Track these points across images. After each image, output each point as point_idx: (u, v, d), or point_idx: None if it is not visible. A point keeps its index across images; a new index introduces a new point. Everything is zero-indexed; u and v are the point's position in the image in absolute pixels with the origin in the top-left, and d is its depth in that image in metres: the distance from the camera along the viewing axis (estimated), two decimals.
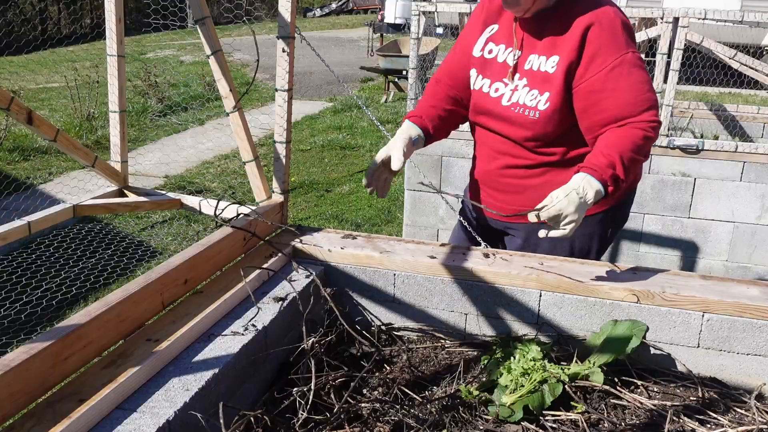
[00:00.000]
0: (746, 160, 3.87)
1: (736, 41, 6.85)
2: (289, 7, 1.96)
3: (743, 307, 1.68)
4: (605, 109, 1.79)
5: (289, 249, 1.99)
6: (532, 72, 1.87)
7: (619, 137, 1.77)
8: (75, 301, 3.61)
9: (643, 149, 1.78)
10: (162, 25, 3.95)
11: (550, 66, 1.83)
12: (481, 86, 1.97)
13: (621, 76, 1.77)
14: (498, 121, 1.95)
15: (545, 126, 1.87)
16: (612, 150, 1.74)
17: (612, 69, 1.76)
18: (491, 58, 1.95)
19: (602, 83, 1.77)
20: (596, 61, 1.77)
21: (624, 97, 1.77)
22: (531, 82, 1.87)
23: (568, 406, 1.59)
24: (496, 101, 1.93)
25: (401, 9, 14.98)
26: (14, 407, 1.19)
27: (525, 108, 1.88)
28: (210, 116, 9.01)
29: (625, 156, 1.74)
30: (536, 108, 1.86)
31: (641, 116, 1.77)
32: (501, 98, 1.92)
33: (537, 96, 1.86)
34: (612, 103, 1.78)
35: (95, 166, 2.24)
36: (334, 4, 28.86)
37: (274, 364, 1.68)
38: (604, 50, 1.77)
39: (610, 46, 1.77)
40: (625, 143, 1.75)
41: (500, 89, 1.93)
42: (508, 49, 1.92)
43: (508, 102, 1.91)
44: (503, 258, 1.92)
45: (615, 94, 1.77)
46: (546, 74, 1.84)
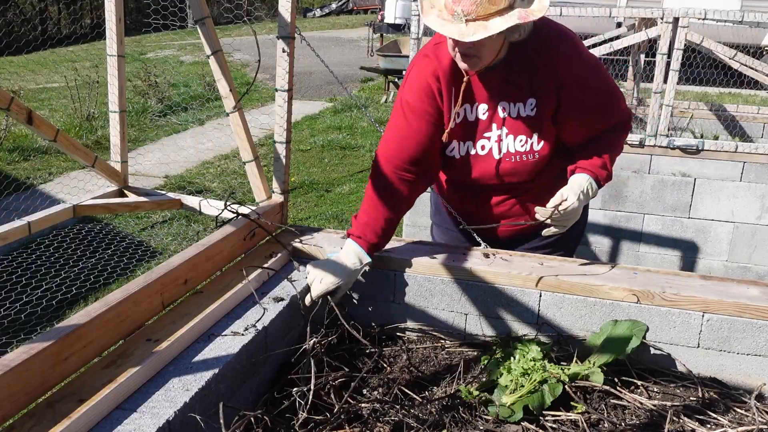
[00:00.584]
0: (746, 160, 3.87)
1: (736, 41, 6.84)
2: (289, 7, 1.96)
3: (743, 307, 1.68)
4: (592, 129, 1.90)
5: (289, 249, 1.99)
6: (511, 120, 1.87)
7: (610, 139, 1.92)
8: (75, 301, 3.61)
9: (623, 144, 2.00)
10: (162, 25, 3.95)
11: (530, 109, 1.86)
12: (467, 150, 1.93)
13: (594, 96, 1.86)
14: (495, 177, 1.95)
15: (543, 160, 1.93)
16: (604, 152, 1.90)
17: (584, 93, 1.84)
18: (460, 121, 1.90)
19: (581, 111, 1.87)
20: (567, 91, 1.82)
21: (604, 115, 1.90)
22: (513, 129, 1.88)
23: (568, 406, 1.59)
24: (488, 157, 1.92)
25: (401, 9, 14.97)
26: (14, 407, 1.19)
27: (519, 155, 1.91)
28: (210, 116, 9.01)
29: (613, 155, 1.92)
30: (532, 151, 1.90)
31: (624, 114, 1.94)
32: (491, 152, 1.92)
33: (527, 140, 1.89)
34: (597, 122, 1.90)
35: (95, 166, 2.24)
36: (334, 5, 28.86)
37: (274, 364, 1.68)
38: (572, 80, 1.82)
39: (576, 74, 1.82)
40: (614, 144, 1.93)
41: (486, 145, 1.92)
42: (474, 105, 1.88)
43: (500, 154, 1.91)
44: (503, 258, 1.92)
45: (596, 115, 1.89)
46: (529, 118, 1.87)
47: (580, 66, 1.84)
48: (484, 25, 1.61)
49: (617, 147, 1.95)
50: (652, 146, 3.95)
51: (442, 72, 1.85)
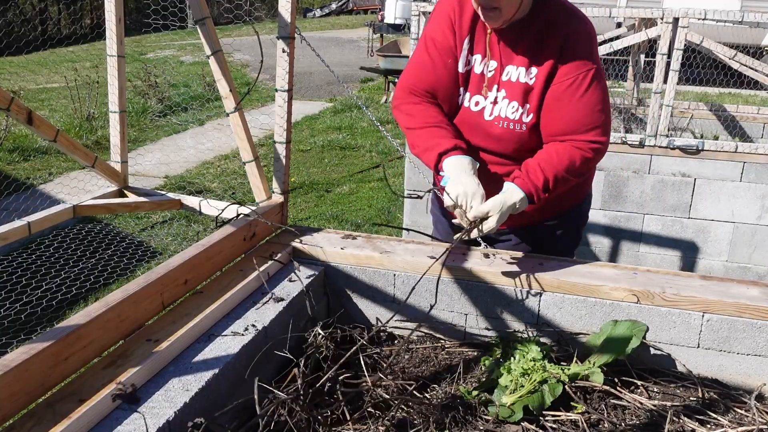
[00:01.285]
0: (746, 160, 3.87)
1: (736, 41, 6.84)
2: (289, 7, 1.96)
3: (743, 308, 1.68)
4: (556, 120, 1.81)
5: (289, 249, 1.99)
6: (511, 83, 1.84)
7: (558, 155, 1.79)
8: (75, 301, 3.61)
9: (578, 170, 1.81)
10: (162, 25, 3.95)
11: (530, 78, 1.82)
12: (462, 100, 1.91)
13: (578, 90, 1.78)
14: (483, 138, 1.91)
15: (531, 137, 1.87)
16: (548, 167, 1.78)
17: (572, 82, 1.78)
18: (469, 69, 1.89)
19: (560, 93, 1.79)
20: (562, 71, 1.79)
21: (574, 114, 1.79)
22: (510, 93, 1.85)
23: (568, 406, 1.59)
24: (479, 115, 1.89)
25: (401, 9, 14.97)
26: (14, 407, 1.19)
27: (509, 122, 1.86)
28: (210, 116, 9.01)
29: (558, 175, 1.78)
30: (521, 121, 1.85)
31: (585, 135, 1.79)
32: (483, 112, 1.89)
33: (518, 108, 1.84)
34: (563, 115, 1.80)
35: (95, 167, 2.24)
36: (334, 5, 28.86)
37: (274, 364, 1.68)
38: (573, 62, 1.78)
39: (578, 60, 1.78)
40: (562, 162, 1.79)
41: (480, 102, 1.89)
42: (485, 60, 1.87)
43: (491, 116, 1.88)
44: (503, 258, 1.92)
45: (568, 107, 1.79)
46: (526, 85, 1.83)
47: (586, 57, 1.79)
48: None
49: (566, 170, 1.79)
50: (652, 146, 3.96)
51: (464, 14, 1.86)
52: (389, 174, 6.69)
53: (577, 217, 2.18)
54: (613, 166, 4.01)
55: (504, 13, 1.74)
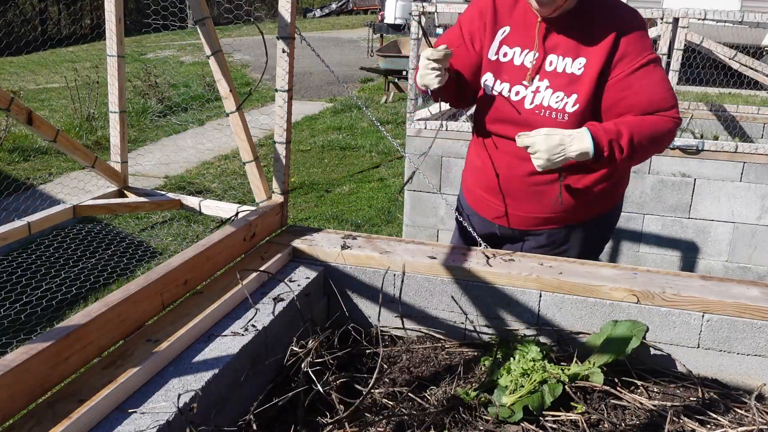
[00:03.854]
0: (746, 160, 3.87)
1: (736, 41, 6.84)
2: (289, 7, 1.96)
3: (743, 308, 1.68)
4: (634, 105, 1.81)
5: (289, 249, 1.99)
6: (556, 74, 1.85)
7: (645, 119, 1.80)
8: (75, 301, 3.61)
9: (661, 140, 1.82)
10: (162, 25, 3.95)
11: (577, 68, 1.83)
12: (501, 90, 1.93)
13: (648, 74, 1.80)
14: (520, 126, 1.89)
15: (573, 128, 1.82)
16: (629, 125, 1.77)
17: (640, 67, 1.80)
18: (507, 61, 1.92)
19: (631, 81, 1.80)
20: (624, 60, 1.80)
21: (652, 94, 1.81)
22: (555, 84, 1.85)
23: (568, 406, 1.59)
24: (519, 104, 1.90)
25: (401, 9, 14.97)
26: (14, 407, 1.19)
27: (551, 110, 1.85)
28: (210, 117, 9.01)
29: (638, 135, 1.76)
30: (564, 110, 1.84)
31: (669, 111, 1.82)
32: (523, 101, 1.89)
33: (564, 98, 1.84)
34: (641, 99, 1.81)
35: (95, 167, 2.24)
36: (334, 5, 28.86)
37: (273, 365, 1.68)
38: (631, 51, 1.80)
39: (636, 47, 1.81)
40: (646, 125, 1.79)
41: (521, 92, 1.90)
42: (525, 51, 1.89)
43: (531, 105, 1.88)
44: (503, 258, 1.92)
45: (643, 90, 1.81)
46: (572, 76, 1.83)
47: (646, 45, 1.82)
48: None
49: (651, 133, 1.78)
50: None
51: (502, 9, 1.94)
52: (389, 174, 6.68)
53: (603, 227, 2.13)
54: None
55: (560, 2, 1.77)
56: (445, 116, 4.45)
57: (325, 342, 1.75)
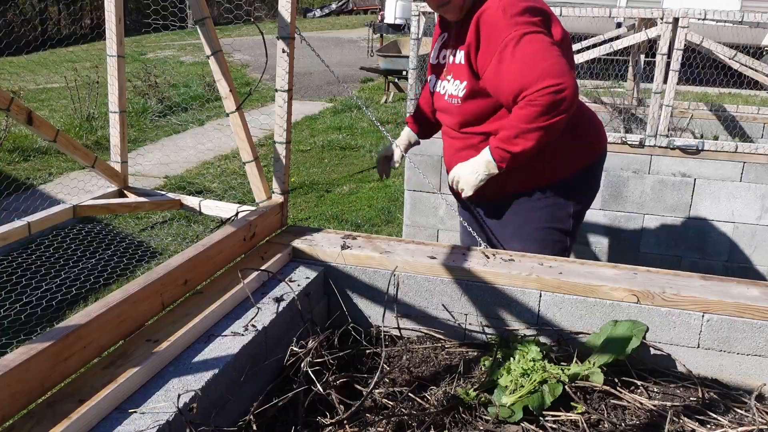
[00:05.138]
0: (746, 160, 3.87)
1: (736, 41, 6.84)
2: (289, 7, 1.96)
3: (743, 308, 1.68)
4: (505, 89, 1.98)
5: (289, 249, 1.99)
6: (454, 65, 2.15)
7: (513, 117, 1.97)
8: (75, 301, 3.61)
9: (534, 118, 1.91)
10: (162, 25, 3.95)
11: (460, 59, 2.10)
12: (435, 87, 2.28)
13: (506, 56, 1.93)
14: (443, 114, 2.26)
15: (467, 109, 2.13)
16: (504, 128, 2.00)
17: (500, 52, 1.94)
18: (444, 62, 2.23)
19: (496, 67, 1.96)
20: (489, 49, 1.97)
21: (513, 75, 1.93)
22: (455, 74, 2.15)
23: (568, 406, 1.59)
24: (442, 97, 2.23)
25: (401, 9, 14.97)
26: (14, 407, 1.19)
27: (452, 97, 2.17)
28: (210, 117, 9.01)
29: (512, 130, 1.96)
30: (457, 96, 2.14)
31: (533, 86, 1.89)
32: (445, 94, 2.21)
33: (458, 85, 2.13)
34: (506, 84, 1.96)
35: (95, 167, 2.24)
36: (334, 5, 28.85)
37: (273, 365, 1.68)
38: (493, 37, 1.96)
39: (495, 32, 1.95)
40: (515, 120, 1.95)
41: (445, 86, 2.21)
42: (450, 50, 2.18)
43: (447, 96, 2.20)
44: (503, 258, 1.92)
45: (507, 74, 1.94)
46: (460, 65, 2.11)
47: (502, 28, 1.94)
48: None
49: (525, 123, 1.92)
50: (652, 146, 3.95)
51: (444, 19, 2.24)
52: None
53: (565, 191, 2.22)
54: (612, 167, 4.01)
55: (455, 2, 2.04)
56: None
57: (325, 342, 1.75)
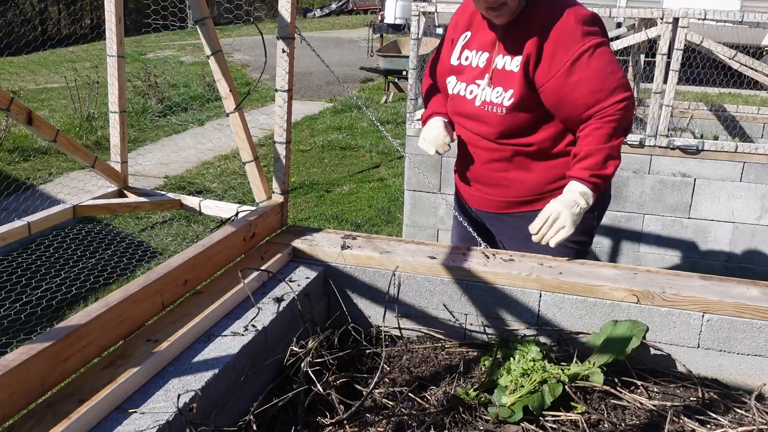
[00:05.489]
0: (746, 160, 3.87)
1: (736, 41, 6.84)
2: (289, 7, 1.96)
3: (743, 308, 1.68)
4: (574, 101, 1.92)
5: (289, 249, 1.99)
6: (497, 71, 2.01)
7: (593, 136, 1.90)
8: (75, 301, 3.61)
9: (615, 135, 1.90)
10: (162, 25, 3.95)
11: (515, 65, 1.96)
12: (459, 90, 2.12)
13: (581, 67, 1.88)
14: (472, 121, 2.10)
15: (512, 120, 2.00)
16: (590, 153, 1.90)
17: (572, 63, 1.88)
18: (467, 64, 2.09)
19: (565, 78, 1.90)
20: (556, 59, 1.90)
21: (587, 88, 1.89)
22: (496, 80, 2.01)
23: (568, 406, 1.59)
24: (471, 102, 2.08)
25: (401, 9, 14.96)
26: (14, 407, 1.19)
27: (492, 105, 2.02)
28: (210, 117, 9.01)
29: (601, 154, 1.89)
30: (501, 104, 2.00)
31: (608, 100, 1.88)
32: (475, 99, 2.07)
33: (501, 93, 2.00)
34: (578, 96, 1.90)
35: (95, 167, 2.24)
36: (334, 5, 28.85)
37: (274, 365, 1.68)
38: (562, 47, 1.89)
39: (567, 42, 1.89)
40: (598, 141, 1.89)
41: (474, 90, 2.07)
42: (479, 52, 2.06)
43: (479, 102, 2.06)
44: (503, 258, 1.92)
45: (578, 87, 1.89)
46: (511, 73, 1.97)
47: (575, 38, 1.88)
48: None
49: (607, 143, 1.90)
50: (652, 146, 3.95)
51: (467, 10, 2.13)
52: (389, 174, 6.68)
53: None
54: None
55: (511, 5, 1.90)
56: None
57: (325, 342, 1.75)
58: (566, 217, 1.88)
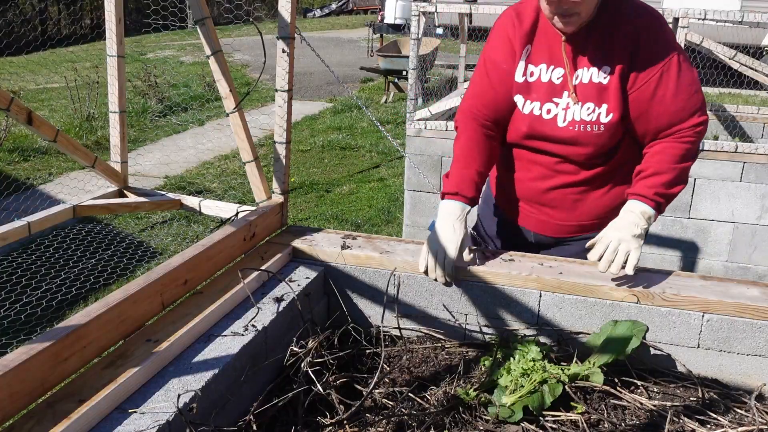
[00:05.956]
0: (746, 160, 3.87)
1: (736, 41, 6.84)
2: (289, 7, 1.96)
3: (743, 308, 1.68)
4: (656, 117, 1.80)
5: (289, 249, 1.99)
6: (583, 85, 1.82)
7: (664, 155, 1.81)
8: (75, 301, 3.61)
9: (688, 157, 1.83)
10: (162, 25, 3.95)
11: (603, 77, 1.80)
12: (531, 110, 1.88)
13: (669, 81, 1.77)
14: (555, 144, 1.89)
15: (611, 138, 1.84)
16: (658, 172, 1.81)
17: (661, 75, 1.77)
18: (534, 80, 1.88)
19: (653, 90, 1.78)
20: (647, 69, 1.77)
21: (672, 105, 1.79)
22: (583, 96, 1.82)
23: (568, 406, 1.59)
24: (552, 123, 1.86)
25: (401, 9, 14.98)
26: (14, 407, 1.19)
27: (584, 124, 1.83)
28: (210, 117, 9.01)
29: (670, 174, 1.81)
30: (599, 122, 1.82)
31: (688, 121, 1.80)
32: (556, 119, 1.86)
33: (595, 109, 1.82)
34: (662, 111, 1.79)
35: (95, 167, 2.24)
36: (334, 5, 28.86)
37: (274, 365, 1.68)
38: (653, 56, 1.77)
39: (658, 52, 1.78)
40: (670, 160, 1.81)
41: (552, 110, 1.86)
42: (550, 67, 1.85)
43: (565, 122, 1.85)
44: (503, 258, 1.92)
45: (664, 101, 1.79)
46: (600, 85, 1.80)
47: (664, 47, 1.78)
48: None
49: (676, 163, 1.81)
50: None
51: (523, 24, 1.87)
52: (389, 174, 6.68)
53: None
54: None
55: (583, 15, 1.74)
56: (445, 116, 4.45)
57: (325, 342, 1.75)
58: (628, 241, 1.74)
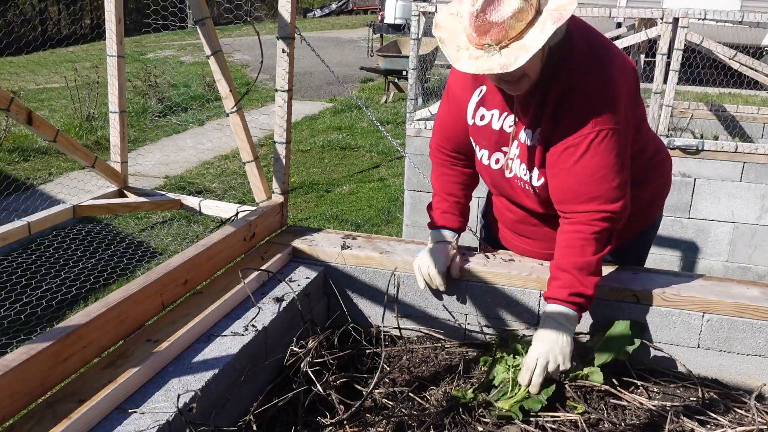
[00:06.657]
0: (746, 160, 3.87)
1: (736, 41, 6.84)
2: (289, 7, 1.96)
3: (743, 308, 1.68)
4: (553, 188, 1.68)
5: (289, 249, 1.99)
6: (521, 144, 1.71)
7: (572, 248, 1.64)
8: (75, 301, 3.61)
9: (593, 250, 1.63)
10: (162, 25, 3.95)
11: (536, 139, 1.68)
12: (481, 157, 1.82)
13: (572, 157, 1.60)
14: (507, 190, 1.83)
15: (544, 201, 1.74)
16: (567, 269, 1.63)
17: (567, 147, 1.61)
18: (484, 125, 1.77)
19: (555, 159, 1.64)
20: (558, 140, 1.62)
21: (568, 183, 1.63)
22: (521, 154, 1.72)
23: (567, 406, 1.59)
24: (500, 174, 1.79)
25: (401, 9, 14.97)
26: (14, 407, 1.19)
27: (523, 182, 1.75)
28: (210, 117, 9.01)
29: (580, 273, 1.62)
30: (530, 183, 1.73)
31: (583, 206, 1.63)
32: (503, 170, 1.78)
33: (526, 171, 1.72)
34: (554, 185, 1.67)
35: (95, 167, 2.24)
36: (334, 5, 28.85)
37: (273, 365, 1.68)
38: (568, 127, 1.60)
39: (572, 125, 1.60)
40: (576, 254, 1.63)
41: (501, 160, 1.78)
42: (503, 114, 1.73)
43: (510, 174, 1.77)
44: (503, 258, 1.92)
45: (560, 176, 1.64)
46: (531, 148, 1.69)
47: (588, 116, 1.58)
48: (523, 45, 1.43)
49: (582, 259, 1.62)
50: None
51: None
52: (389, 174, 6.68)
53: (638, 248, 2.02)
54: None
55: (532, 76, 1.57)
56: None
57: (325, 342, 1.75)
58: (564, 356, 1.59)
